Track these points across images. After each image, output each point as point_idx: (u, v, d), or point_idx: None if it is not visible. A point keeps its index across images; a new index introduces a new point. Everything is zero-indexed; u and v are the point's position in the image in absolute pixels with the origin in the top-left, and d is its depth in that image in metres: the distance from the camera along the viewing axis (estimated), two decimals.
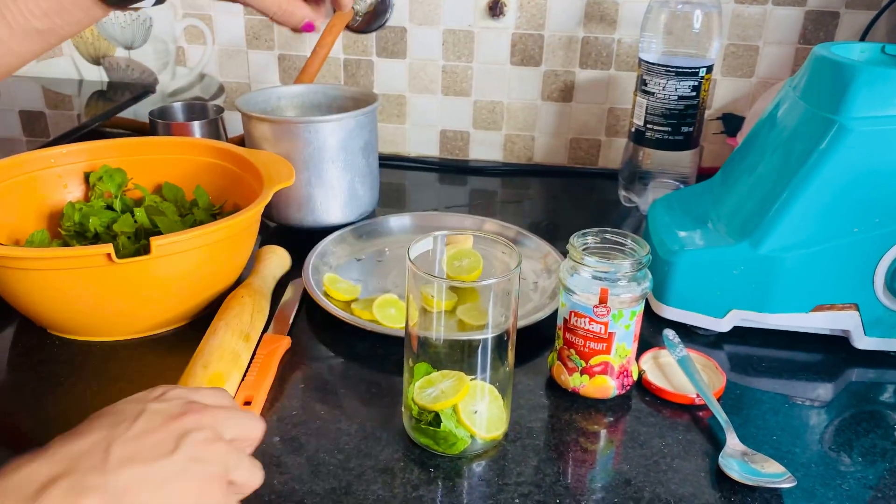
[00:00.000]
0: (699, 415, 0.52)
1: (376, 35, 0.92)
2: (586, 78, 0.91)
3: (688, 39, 0.75)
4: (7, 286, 0.54)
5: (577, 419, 0.52)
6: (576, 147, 0.95)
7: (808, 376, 0.58)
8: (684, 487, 0.46)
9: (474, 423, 0.47)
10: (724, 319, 0.60)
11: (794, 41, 0.87)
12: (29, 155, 0.66)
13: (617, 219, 0.83)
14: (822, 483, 0.47)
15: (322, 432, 0.49)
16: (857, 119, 0.53)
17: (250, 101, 0.74)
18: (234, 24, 0.93)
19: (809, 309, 0.58)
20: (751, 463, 0.46)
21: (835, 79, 0.55)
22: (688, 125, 0.77)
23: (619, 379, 0.52)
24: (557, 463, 0.48)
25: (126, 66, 0.98)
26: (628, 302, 0.50)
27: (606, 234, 0.53)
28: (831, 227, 0.55)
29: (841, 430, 0.52)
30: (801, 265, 0.56)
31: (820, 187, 0.54)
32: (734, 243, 0.58)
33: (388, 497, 0.44)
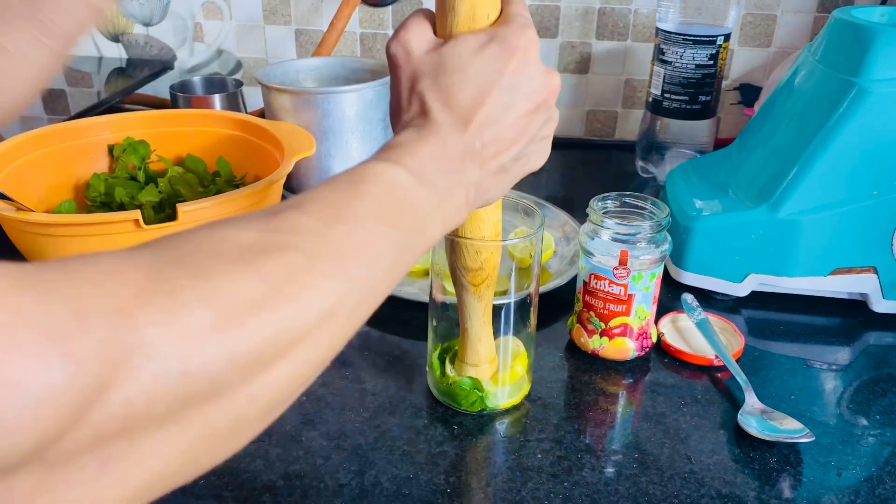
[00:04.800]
0: (718, 376, 0.53)
1: (392, 8, 0.92)
2: (603, 49, 0.91)
3: (705, 8, 0.75)
4: (38, 253, 0.56)
5: (596, 380, 0.53)
6: (592, 119, 0.95)
7: (826, 339, 0.58)
8: (704, 444, 0.47)
9: (496, 384, 0.48)
10: (742, 284, 0.60)
11: (813, 9, 0.86)
12: (54, 127, 0.67)
13: (634, 189, 0.82)
14: (840, 440, 0.47)
15: (348, 393, 0.50)
16: (877, 81, 0.53)
17: (270, 74, 0.75)
18: (250, 1, 0.94)
19: (828, 273, 0.58)
20: (769, 420, 0.47)
21: (854, 41, 0.55)
22: (705, 94, 0.77)
23: (639, 341, 0.53)
24: (577, 422, 0.49)
25: (145, 42, 0.99)
26: (648, 264, 0.50)
27: (626, 198, 0.53)
28: (850, 190, 0.55)
29: (859, 391, 0.53)
30: (819, 228, 0.57)
31: (839, 150, 0.54)
32: (752, 207, 0.58)
33: (413, 452, 0.45)
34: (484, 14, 0.37)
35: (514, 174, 0.39)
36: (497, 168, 0.38)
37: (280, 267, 0.25)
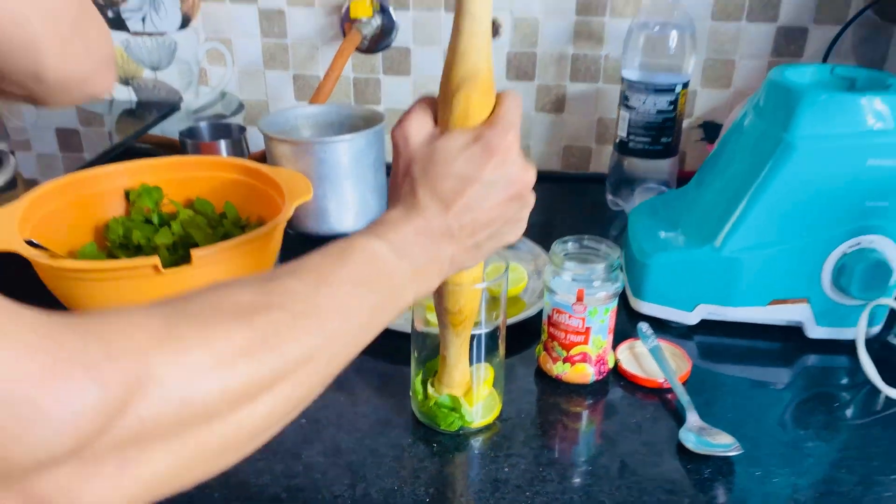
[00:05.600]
0: (667, 397, 0.60)
1: (382, 55, 1.00)
2: (576, 91, 0.98)
3: (665, 58, 0.82)
4: (69, 293, 0.63)
5: (560, 402, 0.60)
6: (568, 154, 1.03)
7: (766, 362, 0.66)
8: (650, 458, 0.54)
9: (471, 406, 0.55)
10: (692, 313, 0.68)
11: (767, 54, 0.94)
12: (76, 176, 0.74)
13: (606, 221, 0.91)
14: (768, 452, 0.55)
15: (342, 415, 0.58)
16: (803, 137, 0.61)
17: (271, 123, 0.82)
18: (252, 47, 1.02)
19: (767, 303, 0.66)
20: (705, 436, 0.54)
21: (784, 100, 0.62)
22: (666, 136, 0.85)
23: (597, 366, 0.60)
24: (542, 439, 0.56)
25: (153, 86, 1.06)
26: (602, 300, 0.58)
27: (584, 241, 0.61)
28: (784, 232, 0.63)
29: (793, 408, 0.60)
30: (758, 265, 0.64)
31: (772, 197, 0.62)
32: (700, 246, 0.66)
33: (399, 467, 0.53)
34: (477, 113, 0.44)
35: (488, 249, 0.46)
36: (472, 245, 0.45)
37: (267, 323, 0.33)
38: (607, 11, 0.93)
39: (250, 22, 1.00)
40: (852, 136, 0.60)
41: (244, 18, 1.00)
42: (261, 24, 1.00)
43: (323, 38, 1.00)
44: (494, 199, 0.44)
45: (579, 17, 0.94)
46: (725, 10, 0.92)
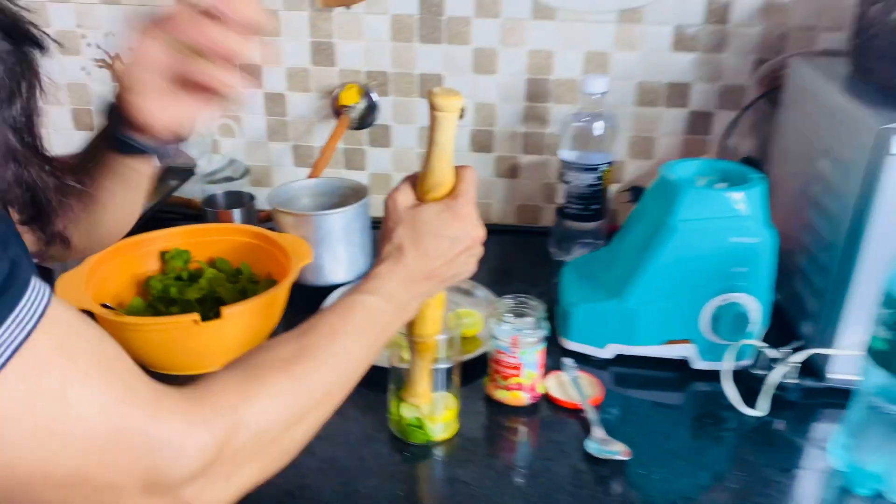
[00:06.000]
0: (583, 416, 0.80)
1: (367, 131, 1.20)
2: (527, 161, 1.19)
3: (592, 143, 1.03)
4: (128, 340, 0.82)
5: (501, 420, 0.80)
6: (522, 211, 1.23)
7: (663, 388, 0.86)
8: (563, 461, 0.74)
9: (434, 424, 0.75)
10: (605, 350, 0.88)
11: (682, 132, 1.15)
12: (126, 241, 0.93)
13: (549, 269, 1.10)
14: (653, 457, 0.74)
15: (335, 431, 0.77)
16: (681, 220, 0.81)
17: (276, 196, 1.02)
18: (257, 123, 1.22)
19: (661, 342, 0.86)
20: (605, 445, 0.74)
21: (668, 192, 0.83)
22: (595, 203, 1.06)
23: (530, 393, 0.80)
24: (487, 447, 0.76)
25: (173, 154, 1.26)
26: (531, 344, 0.78)
27: (520, 299, 0.81)
28: (671, 290, 0.83)
29: (678, 424, 0.80)
30: (654, 314, 0.85)
31: (661, 264, 0.82)
32: (611, 299, 0.86)
33: (378, 467, 0.72)
34: (443, 190, 0.65)
35: (450, 283, 0.67)
36: (440, 282, 0.65)
37: (302, 372, 0.52)
38: (550, 99, 1.14)
39: (256, 102, 1.20)
40: (718, 220, 0.81)
41: (252, 99, 1.20)
42: (266, 104, 1.20)
43: (317, 116, 1.20)
44: (457, 250, 0.64)
45: (528, 103, 1.15)
46: (647, 98, 1.13)
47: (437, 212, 0.63)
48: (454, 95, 0.62)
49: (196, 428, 0.43)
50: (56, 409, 0.37)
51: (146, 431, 0.41)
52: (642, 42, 1.10)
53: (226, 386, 0.48)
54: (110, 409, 0.39)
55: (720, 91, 1.12)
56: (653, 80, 1.12)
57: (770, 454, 0.75)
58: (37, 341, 0.37)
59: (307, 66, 1.17)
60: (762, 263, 0.82)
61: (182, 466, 0.42)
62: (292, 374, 0.51)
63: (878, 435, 0.68)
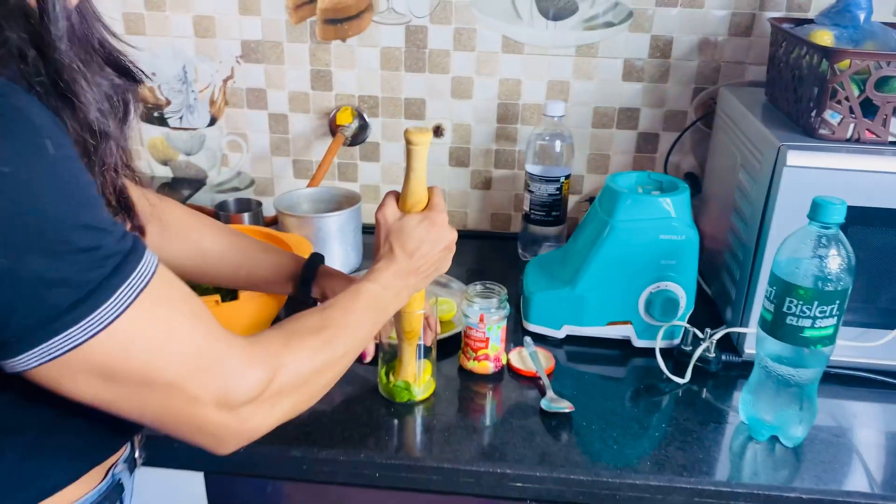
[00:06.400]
0: (540, 383, 0.96)
1: (360, 147, 1.37)
2: (499, 174, 1.36)
3: (553, 158, 1.21)
4: None
5: (470, 384, 0.96)
6: (494, 219, 1.40)
7: (608, 362, 1.02)
8: (521, 417, 0.89)
9: (418, 384, 0.91)
10: (560, 331, 1.04)
11: (632, 151, 1.33)
12: None
13: (517, 268, 1.27)
14: (594, 413, 0.90)
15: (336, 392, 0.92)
16: (621, 221, 0.98)
17: (281, 201, 1.19)
18: (262, 140, 1.38)
19: (605, 324, 1.03)
20: (552, 402, 0.90)
21: (611, 199, 1.00)
22: (556, 210, 1.23)
23: (494, 363, 0.97)
24: (460, 405, 0.92)
25: (186, 166, 1.42)
26: (495, 321, 0.94)
27: (486, 284, 0.97)
28: (612, 279, 1.00)
29: (617, 390, 0.96)
30: (598, 299, 1.01)
31: (604, 258, 0.99)
32: (563, 287, 1.03)
33: (369, 421, 0.88)
34: (421, 205, 0.81)
35: (431, 278, 0.83)
36: (423, 276, 0.82)
37: (326, 335, 0.68)
38: (519, 121, 1.32)
39: (262, 122, 1.37)
40: (651, 220, 0.98)
41: (257, 119, 1.37)
42: (269, 123, 1.37)
43: (315, 134, 1.37)
44: (436, 250, 0.81)
45: (499, 124, 1.33)
46: (601, 122, 1.31)
47: (418, 221, 0.81)
48: (425, 132, 0.79)
49: (254, 363, 0.60)
50: (164, 333, 0.53)
51: (221, 360, 0.57)
52: (597, 73, 1.28)
53: (272, 339, 0.64)
54: (199, 339, 0.56)
55: (664, 115, 1.30)
56: (606, 105, 1.30)
57: (690, 412, 0.92)
58: (152, 288, 0.52)
59: (307, 91, 1.34)
60: (687, 257, 0.99)
61: (243, 391, 0.58)
62: (319, 336, 0.68)
63: (770, 392, 0.85)
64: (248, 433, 0.61)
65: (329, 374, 0.69)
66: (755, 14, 1.22)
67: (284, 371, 0.62)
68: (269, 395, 0.61)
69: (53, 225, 0.47)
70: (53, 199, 0.48)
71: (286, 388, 0.62)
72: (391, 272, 0.78)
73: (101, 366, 0.51)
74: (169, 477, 0.87)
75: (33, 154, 0.47)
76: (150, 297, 0.52)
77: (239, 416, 0.59)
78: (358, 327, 0.73)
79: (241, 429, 0.60)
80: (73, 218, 0.49)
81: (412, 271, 0.80)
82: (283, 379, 0.62)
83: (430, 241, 0.80)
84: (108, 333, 0.50)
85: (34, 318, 0.48)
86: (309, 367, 0.65)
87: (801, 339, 0.80)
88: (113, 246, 0.51)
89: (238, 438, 0.61)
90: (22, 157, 0.46)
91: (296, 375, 0.63)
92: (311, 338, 0.67)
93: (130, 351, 0.52)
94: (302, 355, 0.65)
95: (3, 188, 0.45)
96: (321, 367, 0.67)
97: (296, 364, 0.63)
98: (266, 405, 0.61)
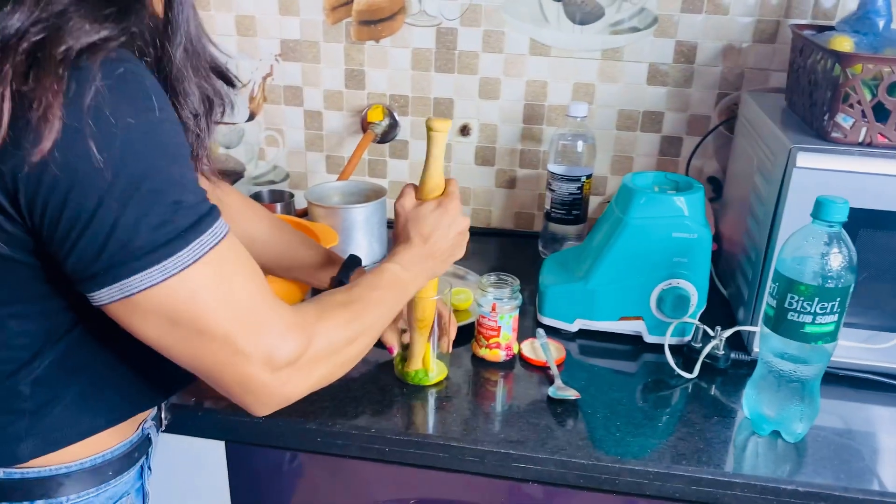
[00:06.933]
0: (549, 372, 1.00)
1: (389, 145, 1.42)
2: (524, 174, 1.40)
3: (574, 158, 1.24)
4: None
5: (482, 371, 1.00)
6: (518, 218, 1.44)
7: (618, 356, 1.05)
8: (527, 401, 0.93)
9: (430, 370, 0.95)
10: (573, 324, 1.07)
11: (655, 154, 1.35)
12: None
13: (538, 265, 1.30)
14: (601, 402, 0.93)
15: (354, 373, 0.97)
16: (635, 218, 1.01)
17: (313, 193, 1.24)
18: (297, 135, 1.44)
19: (617, 318, 1.06)
20: (559, 390, 0.93)
21: (627, 197, 1.03)
22: (576, 209, 1.26)
23: (506, 351, 1.00)
24: (470, 390, 0.96)
25: (225, 159, 1.49)
26: (507, 310, 0.98)
27: (500, 275, 1.01)
28: (626, 274, 1.03)
29: (626, 382, 0.99)
30: (611, 294, 1.04)
31: (617, 253, 1.02)
32: (577, 282, 1.06)
33: (382, 399, 0.92)
34: (437, 192, 0.86)
35: (448, 262, 0.88)
36: (440, 261, 0.87)
37: (354, 309, 0.74)
38: (544, 121, 1.35)
39: (298, 119, 1.43)
40: (664, 218, 1.01)
41: (294, 116, 1.43)
42: (305, 120, 1.43)
43: (348, 131, 1.42)
44: (450, 235, 0.86)
45: (525, 125, 1.36)
46: (625, 124, 1.34)
47: (432, 209, 0.86)
48: (445, 120, 0.85)
49: (294, 329, 0.65)
50: (226, 288, 0.60)
51: (269, 321, 0.63)
52: (622, 76, 1.31)
53: (308, 310, 0.70)
54: (254, 297, 0.62)
55: (688, 119, 1.32)
56: (630, 108, 1.33)
57: (695, 406, 0.94)
58: (222, 247, 0.60)
59: (341, 89, 1.39)
60: (699, 255, 1.01)
61: (284, 353, 0.64)
62: (348, 309, 0.73)
63: (772, 387, 0.86)
64: (285, 396, 0.66)
65: (357, 346, 0.74)
66: (780, 21, 1.23)
67: (319, 339, 0.67)
68: (306, 361, 0.66)
69: (154, 177, 0.55)
70: (156, 154, 0.56)
71: (320, 356, 0.68)
72: (409, 255, 0.83)
73: (170, 309, 0.57)
74: (192, 444, 0.92)
75: (145, 114, 0.55)
76: (219, 255, 0.59)
77: (279, 378, 0.64)
78: (381, 303, 0.78)
79: (280, 391, 0.65)
80: (168, 173, 0.57)
81: (429, 255, 0.85)
82: (317, 347, 0.67)
83: (443, 226, 0.85)
84: (180, 279, 0.57)
85: (120, 256, 0.55)
86: (340, 337, 0.70)
87: (802, 335, 0.82)
88: (195, 204, 0.58)
89: (276, 400, 0.66)
90: (137, 116, 0.54)
91: (328, 344, 0.69)
92: (341, 310, 0.72)
93: (196, 299, 0.58)
94: (333, 326, 0.70)
95: (118, 141, 0.53)
96: (351, 337, 0.72)
97: (328, 333, 0.69)
98: (303, 371, 0.66)
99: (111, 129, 0.53)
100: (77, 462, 0.67)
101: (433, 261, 0.85)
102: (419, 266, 0.84)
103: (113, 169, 0.53)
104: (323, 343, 0.68)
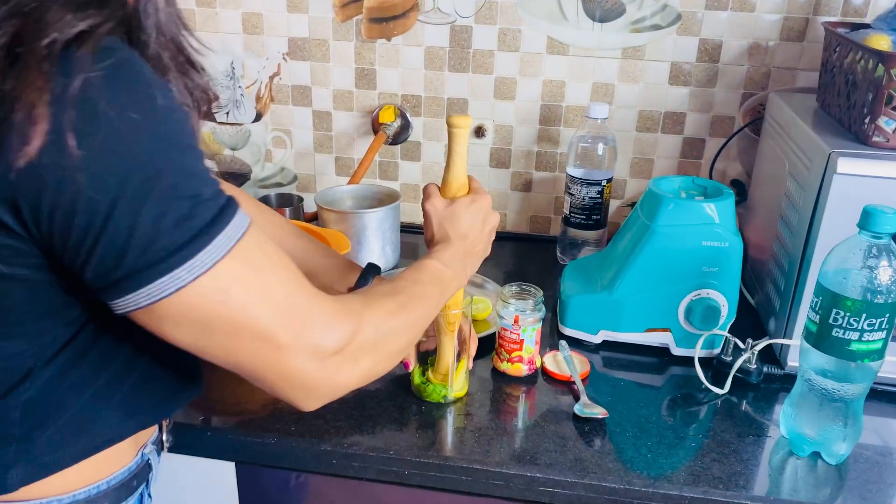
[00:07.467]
0: (573, 387, 0.95)
1: (401, 146, 1.37)
2: (540, 177, 1.35)
3: (594, 161, 1.19)
4: None
5: (503, 386, 0.95)
6: (534, 221, 1.39)
7: (644, 369, 1.00)
8: (553, 421, 0.88)
9: (450, 386, 0.91)
10: (596, 336, 1.03)
11: (677, 156, 1.30)
12: None
13: (557, 272, 1.26)
14: (628, 419, 0.89)
15: (369, 389, 0.93)
16: (662, 226, 0.96)
17: (323, 197, 1.19)
18: (305, 136, 1.40)
19: (643, 330, 1.01)
20: (586, 408, 0.89)
21: (653, 202, 0.98)
22: (596, 214, 1.21)
23: (528, 365, 0.96)
24: (492, 407, 0.91)
25: (231, 160, 1.44)
26: (530, 323, 0.93)
27: (522, 286, 0.97)
28: (653, 284, 0.98)
29: (653, 397, 0.95)
30: (637, 305, 1.00)
31: (644, 262, 0.98)
32: (601, 292, 1.01)
33: (400, 418, 0.88)
34: (464, 189, 0.84)
35: (481, 259, 0.85)
36: (477, 258, 0.84)
37: (401, 299, 0.70)
38: (561, 123, 1.31)
39: (306, 119, 1.38)
40: (693, 226, 0.96)
41: (302, 116, 1.38)
42: (313, 120, 1.38)
43: (358, 132, 1.38)
44: (484, 231, 0.84)
45: (541, 126, 1.32)
46: (646, 126, 1.29)
47: (466, 206, 0.83)
48: (466, 116, 0.82)
49: (339, 316, 0.61)
50: (259, 282, 0.55)
51: (311, 311, 0.59)
52: (643, 76, 1.26)
53: (353, 300, 0.66)
54: (291, 289, 0.58)
55: (711, 120, 1.27)
56: (652, 109, 1.28)
57: (728, 423, 0.89)
58: (248, 239, 0.55)
59: (351, 89, 1.35)
60: (730, 264, 0.96)
61: (331, 341, 0.60)
62: (394, 300, 0.70)
63: (813, 406, 0.82)
64: (335, 386, 0.63)
65: (404, 338, 0.70)
66: (808, 19, 1.18)
67: (365, 327, 0.64)
68: (353, 350, 0.62)
69: (167, 171, 0.51)
70: (166, 146, 0.51)
71: (367, 345, 0.64)
72: (449, 253, 0.80)
73: (202, 310, 0.54)
74: (199, 465, 0.88)
75: (147, 103, 0.51)
76: (246, 247, 0.55)
77: (327, 368, 0.60)
78: (425, 297, 0.74)
79: (329, 381, 0.62)
80: (182, 165, 0.52)
81: (468, 253, 0.82)
82: (364, 335, 0.63)
83: (479, 223, 0.83)
84: (210, 277, 0.53)
85: (144, 260, 0.51)
86: (387, 327, 0.67)
87: (847, 352, 0.77)
88: (212, 196, 0.54)
89: (325, 391, 0.62)
90: (139, 107, 0.50)
91: (375, 333, 0.65)
92: (387, 301, 0.69)
93: (229, 296, 0.54)
94: (380, 315, 0.66)
95: (122, 135, 0.49)
96: (397, 328, 0.68)
97: (375, 322, 0.65)
98: (350, 360, 0.62)
99: (111, 123, 0.48)
100: (70, 494, 0.62)
101: (471, 258, 0.83)
102: (459, 263, 0.81)
103: (121, 167, 0.49)
104: (370, 332, 0.64)
